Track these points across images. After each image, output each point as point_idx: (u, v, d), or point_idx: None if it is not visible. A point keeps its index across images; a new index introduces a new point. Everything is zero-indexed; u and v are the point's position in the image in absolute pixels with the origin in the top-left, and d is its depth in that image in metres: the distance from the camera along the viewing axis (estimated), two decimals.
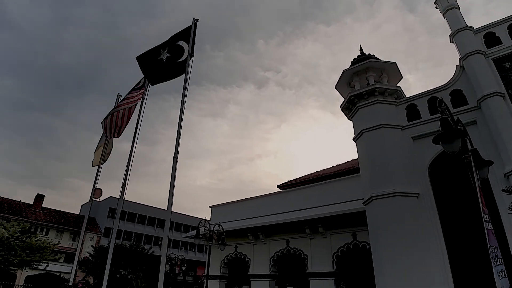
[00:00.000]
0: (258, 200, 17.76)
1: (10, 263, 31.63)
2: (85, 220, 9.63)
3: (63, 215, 50.86)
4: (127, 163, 7.07)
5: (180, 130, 6.70)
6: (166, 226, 5.78)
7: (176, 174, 6.31)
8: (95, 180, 7.45)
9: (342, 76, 13.34)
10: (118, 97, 11.40)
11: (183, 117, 6.89)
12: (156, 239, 57.00)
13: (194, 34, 9.28)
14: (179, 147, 6.41)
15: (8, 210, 45.30)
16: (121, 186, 6.75)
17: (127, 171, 6.86)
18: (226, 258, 17.66)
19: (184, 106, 7.23)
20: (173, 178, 6.01)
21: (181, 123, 6.83)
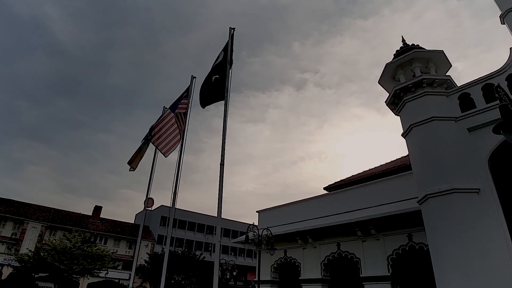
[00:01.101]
0: (305, 203, 17.51)
1: (73, 271, 33.90)
2: (141, 228, 10.04)
3: (119, 225, 53.70)
4: (176, 172, 7.32)
5: (225, 137, 6.80)
6: (217, 232, 5.86)
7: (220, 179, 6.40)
8: (148, 190, 7.79)
9: (385, 70, 12.82)
10: (163, 109, 11.87)
11: (227, 125, 6.98)
12: (206, 245, 58.31)
13: (232, 43, 9.41)
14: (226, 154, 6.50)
15: (69, 222, 48.67)
16: (172, 195, 6.97)
17: (176, 180, 7.12)
18: (276, 263, 17.57)
19: (227, 113, 7.33)
20: (221, 185, 6.10)
21: (225, 130, 6.93)
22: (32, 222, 45.42)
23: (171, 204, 6.74)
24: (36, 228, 45.38)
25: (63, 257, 33.49)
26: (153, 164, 9.00)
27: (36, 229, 45.35)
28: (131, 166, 10.47)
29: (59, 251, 34.02)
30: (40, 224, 45.75)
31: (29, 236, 44.55)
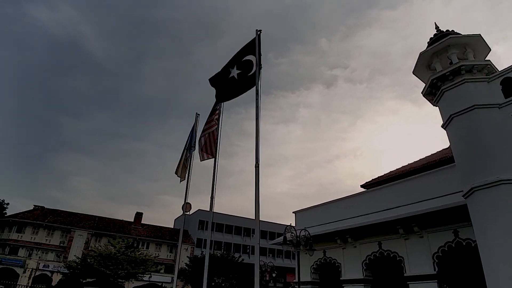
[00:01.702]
0: (343, 202, 17.16)
1: (119, 276, 35.31)
2: (181, 233, 10.28)
3: (159, 230, 55.33)
4: (212, 177, 7.43)
5: (258, 139, 6.80)
6: (256, 234, 5.87)
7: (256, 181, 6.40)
8: (186, 196, 7.99)
9: (419, 60, 12.31)
10: (196, 116, 12.10)
11: (259, 127, 6.99)
12: (244, 247, 58.72)
13: (260, 45, 9.40)
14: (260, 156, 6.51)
15: (113, 229, 50.74)
16: (210, 199, 7.08)
17: (213, 185, 7.22)
18: (315, 264, 17.35)
19: (259, 116, 7.34)
20: (257, 186, 6.11)
21: (258, 132, 6.94)
22: (78, 230, 47.83)
23: (210, 208, 6.85)
24: (82, 236, 47.72)
25: (108, 263, 34.98)
26: (189, 170, 9.20)
27: (82, 236, 47.69)
28: (179, 176, 10.76)
29: (105, 257, 35.57)
30: (86, 232, 48.07)
31: (76, 243, 46.92)
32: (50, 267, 43.46)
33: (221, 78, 9.52)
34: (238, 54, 9.46)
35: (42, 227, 46.88)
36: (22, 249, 45.21)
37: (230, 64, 9.50)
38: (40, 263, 43.56)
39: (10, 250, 44.94)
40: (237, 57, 9.44)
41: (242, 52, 9.43)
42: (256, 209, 5.95)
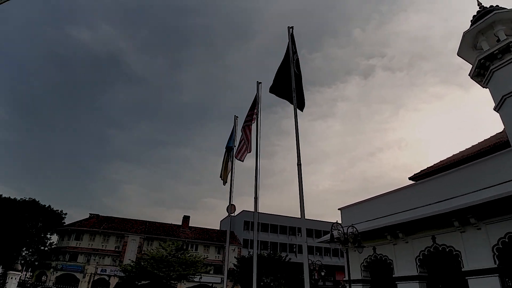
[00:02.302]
0: (391, 196, 16.51)
1: (171, 277, 36.63)
2: (228, 234, 10.44)
3: (206, 232, 56.68)
4: (255, 178, 7.48)
5: (298, 138, 6.74)
6: (302, 233, 5.82)
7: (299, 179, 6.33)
8: (230, 197, 8.10)
9: (464, 40, 11.58)
10: (235, 118, 12.23)
11: (298, 125, 6.92)
12: (290, 246, 58.52)
13: (294, 42, 9.32)
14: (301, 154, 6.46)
15: (163, 232, 52.71)
16: (254, 200, 7.12)
17: (256, 185, 7.28)
18: (365, 261, 16.85)
19: (297, 114, 7.28)
20: (300, 185, 6.05)
21: (297, 131, 6.88)
22: (131, 235, 50.25)
23: (254, 209, 6.90)
24: (135, 240, 50.06)
25: (161, 265, 36.42)
26: (232, 172, 9.33)
27: (135, 241, 50.03)
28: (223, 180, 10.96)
29: (157, 260, 37.08)
30: (138, 237, 50.38)
31: (130, 248, 49.31)
32: (107, 271, 46.07)
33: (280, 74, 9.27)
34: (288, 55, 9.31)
35: (98, 233, 49.80)
36: (81, 255, 48.27)
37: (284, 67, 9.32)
38: (98, 267, 46.30)
39: (70, 257, 48.12)
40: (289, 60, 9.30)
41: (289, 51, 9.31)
42: (301, 208, 5.90)
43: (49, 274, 45.44)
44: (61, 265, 46.40)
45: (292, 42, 9.27)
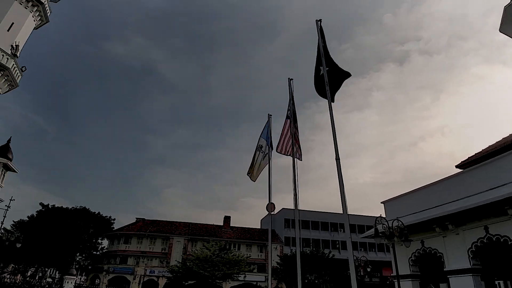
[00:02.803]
0: (436, 186, 15.73)
1: (216, 277, 37.37)
2: (269, 233, 10.45)
3: (248, 231, 57.21)
4: (293, 175, 7.41)
5: (335, 132, 6.59)
6: (346, 229, 5.68)
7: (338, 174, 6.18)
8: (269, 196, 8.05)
9: (505, 15, 10.79)
10: (269, 117, 12.22)
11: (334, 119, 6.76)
12: (333, 243, 57.64)
13: (323, 35, 9.13)
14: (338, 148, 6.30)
15: (205, 233, 53.87)
16: (293, 197, 7.06)
17: (295, 182, 7.21)
18: (413, 255, 16.19)
19: (332, 107, 7.12)
20: (340, 180, 5.90)
21: (333, 125, 6.73)
22: (176, 237, 51.84)
23: (294, 206, 6.83)
24: (180, 242, 51.58)
25: (205, 265, 37.28)
26: (269, 171, 9.34)
27: (180, 242, 51.55)
28: (251, 178, 10.97)
29: (202, 260, 38.00)
30: (182, 238, 51.87)
31: (176, 249, 50.87)
32: (156, 272, 47.83)
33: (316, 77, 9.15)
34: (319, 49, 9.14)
35: (145, 237, 51.85)
36: (130, 258, 50.48)
37: (318, 63, 9.18)
38: (147, 269, 48.22)
39: (120, 260, 50.50)
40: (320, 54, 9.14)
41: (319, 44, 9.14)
42: (343, 203, 5.76)
43: (102, 277, 47.95)
44: (112, 268, 48.80)
45: (321, 35, 9.08)
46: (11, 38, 20.85)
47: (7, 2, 21.07)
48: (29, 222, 45.82)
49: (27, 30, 22.41)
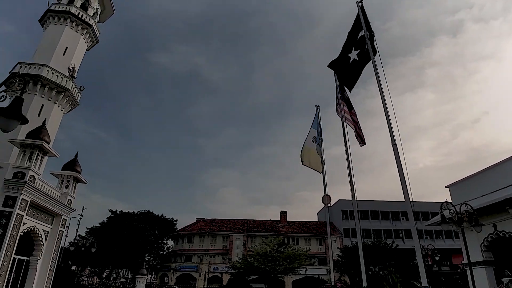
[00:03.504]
0: (507, 164, 14.48)
1: (277, 271, 37.78)
2: (328, 225, 10.33)
3: (305, 224, 56.98)
4: (348, 164, 7.22)
5: (388, 115, 6.32)
6: (409, 217, 5.43)
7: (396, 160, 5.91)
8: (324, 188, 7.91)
9: None
10: (317, 108, 12.04)
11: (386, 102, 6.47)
12: (395, 232, 55.44)
13: (365, 17, 8.81)
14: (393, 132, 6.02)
15: (263, 229, 54.58)
16: (350, 187, 6.89)
17: (350, 172, 6.98)
18: (485, 241, 15.05)
19: (383, 91, 6.83)
20: (399, 166, 5.65)
21: (386, 108, 6.45)
22: (235, 234, 53.21)
23: (352, 197, 6.63)
24: (239, 239, 52.86)
25: (266, 260, 37.86)
26: (322, 162, 9.15)
27: (239, 239, 52.82)
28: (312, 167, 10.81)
29: (262, 255, 38.63)
30: (242, 235, 53.10)
31: (236, 246, 52.23)
32: (219, 269, 49.51)
33: (341, 64, 9.09)
34: (350, 35, 8.99)
35: (207, 235, 53.94)
36: (194, 256, 52.88)
37: (346, 48, 9.03)
38: (211, 266, 50.09)
39: (185, 258, 53.16)
40: (351, 38, 8.98)
41: (353, 31, 8.95)
42: (404, 190, 5.50)
43: (170, 275, 50.75)
44: (179, 266, 51.45)
45: (364, 17, 8.76)
46: (67, 61, 22.66)
47: (60, 29, 22.99)
48: (101, 228, 49.81)
49: (81, 52, 24.25)
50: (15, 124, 4.72)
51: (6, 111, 4.69)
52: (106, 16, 28.15)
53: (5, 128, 4.66)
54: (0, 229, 15.71)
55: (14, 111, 4.75)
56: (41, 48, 22.55)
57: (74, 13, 23.47)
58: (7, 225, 15.79)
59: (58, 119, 22.01)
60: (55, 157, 19.45)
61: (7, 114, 4.67)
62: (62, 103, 21.71)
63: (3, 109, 4.67)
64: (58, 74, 21.20)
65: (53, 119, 20.89)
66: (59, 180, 21.53)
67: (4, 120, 4.59)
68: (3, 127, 4.64)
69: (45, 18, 23.58)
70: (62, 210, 20.67)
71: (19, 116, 4.81)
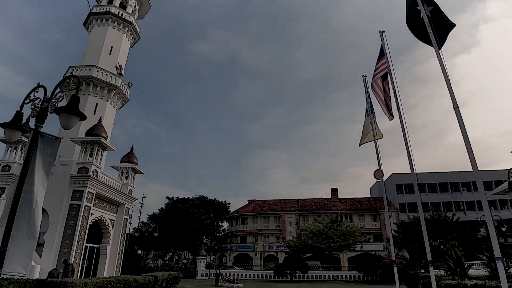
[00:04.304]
0: None
1: (332, 249, 37.70)
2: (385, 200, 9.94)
3: (357, 201, 55.91)
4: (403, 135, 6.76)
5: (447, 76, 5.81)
6: (478, 185, 5.01)
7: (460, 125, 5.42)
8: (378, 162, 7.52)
9: None
10: (364, 78, 11.48)
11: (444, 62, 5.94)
12: (456, 204, 52.62)
13: None
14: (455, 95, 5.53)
15: (315, 208, 54.46)
16: (408, 158, 6.50)
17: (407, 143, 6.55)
18: None
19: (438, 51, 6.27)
20: (463, 130, 5.18)
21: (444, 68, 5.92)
22: (287, 213, 53.73)
23: (410, 169, 6.21)
24: (292, 218, 53.32)
25: (320, 238, 37.90)
26: (374, 136, 8.71)
27: (292, 219, 53.28)
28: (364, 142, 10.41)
29: (315, 233, 38.72)
30: (293, 214, 53.49)
31: (288, 225, 52.81)
32: (274, 248, 50.49)
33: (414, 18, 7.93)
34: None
35: (259, 216, 55.09)
36: (249, 236, 54.44)
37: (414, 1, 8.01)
38: (265, 245, 51.23)
39: (240, 239, 54.95)
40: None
41: None
42: (470, 157, 5.05)
43: (227, 255, 52.82)
44: (235, 247, 53.32)
45: None
46: (114, 60, 23.76)
47: (103, 30, 24.09)
48: (161, 214, 52.81)
49: (125, 49, 25.30)
50: (75, 121, 5.01)
51: (66, 108, 4.98)
52: (144, 12, 28.91)
53: (66, 125, 4.96)
54: (71, 220, 17.23)
55: (72, 108, 5.03)
56: (88, 50, 23.82)
57: (114, 13, 24.38)
58: (77, 216, 17.27)
59: (112, 116, 23.30)
60: (113, 151, 20.73)
61: (67, 111, 4.96)
62: (113, 100, 22.90)
63: (63, 107, 4.96)
64: (107, 73, 22.33)
65: (108, 116, 22.15)
66: (119, 172, 23.04)
67: (65, 117, 4.88)
68: (65, 125, 4.94)
69: (89, 21, 24.78)
70: (125, 200, 22.15)
71: (78, 113, 5.08)
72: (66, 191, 17.44)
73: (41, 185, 5.07)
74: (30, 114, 5.73)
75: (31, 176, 5.00)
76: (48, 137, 5.24)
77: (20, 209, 4.85)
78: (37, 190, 4.95)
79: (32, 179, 4.98)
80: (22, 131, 5.86)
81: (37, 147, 5.16)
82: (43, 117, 5.40)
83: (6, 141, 19.88)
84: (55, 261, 16.05)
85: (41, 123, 5.37)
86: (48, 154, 5.19)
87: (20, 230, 4.86)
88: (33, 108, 5.86)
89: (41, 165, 5.10)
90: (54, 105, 5.37)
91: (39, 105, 5.77)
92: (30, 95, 6.01)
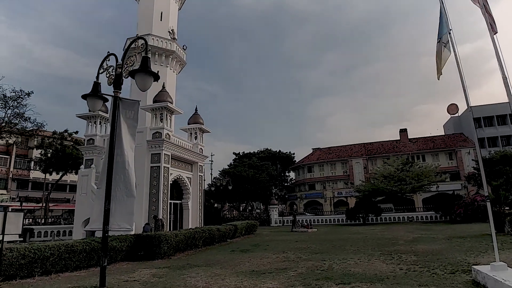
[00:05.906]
0: None
1: (405, 190, 36.57)
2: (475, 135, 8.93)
3: (430, 140, 52.71)
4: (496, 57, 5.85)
5: None
6: None
7: None
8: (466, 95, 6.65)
9: None
10: None
11: None
12: None
13: None
14: None
15: (383, 151, 52.61)
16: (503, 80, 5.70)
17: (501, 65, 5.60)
18: None
19: None
20: None
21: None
22: (354, 159, 52.81)
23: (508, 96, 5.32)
24: (359, 163, 52.37)
25: (391, 181, 36.87)
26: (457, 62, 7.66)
27: (359, 163, 52.33)
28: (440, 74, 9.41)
29: (386, 177, 37.69)
30: (361, 159, 52.41)
31: (356, 170, 52.09)
32: (343, 193, 50.58)
33: None
34: None
35: (325, 163, 55.02)
36: (317, 184, 55.09)
37: None
38: (334, 191, 51.54)
39: (309, 187, 55.88)
40: None
41: None
42: None
43: (298, 203, 54.36)
44: (304, 194, 54.55)
45: None
46: (166, 25, 23.89)
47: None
48: (230, 169, 55.34)
49: (174, 13, 25.23)
50: (150, 81, 5.16)
51: (140, 69, 5.13)
52: None
53: (143, 87, 5.14)
54: (154, 181, 18.84)
55: (145, 68, 5.18)
56: (140, 20, 24.20)
57: None
58: (158, 177, 18.80)
59: (173, 81, 24.02)
60: (180, 114, 21.65)
61: (142, 71, 5.11)
62: (172, 65, 23.44)
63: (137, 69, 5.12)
64: (162, 39, 22.70)
65: (170, 82, 22.87)
66: (188, 134, 24.25)
67: (140, 78, 5.05)
68: (141, 86, 5.12)
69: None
70: (197, 158, 23.44)
71: (151, 72, 5.23)
72: (145, 155, 18.91)
73: (130, 148, 5.45)
74: (107, 81, 6.04)
75: (119, 140, 5.38)
76: (127, 101, 5.52)
77: (115, 171, 5.30)
78: (127, 153, 5.33)
79: (121, 143, 5.35)
80: (103, 99, 6.24)
81: (119, 113, 5.48)
82: (120, 83, 5.65)
83: (85, 117, 21.76)
84: (145, 218, 17.87)
85: (119, 89, 5.65)
86: (131, 118, 5.50)
87: (118, 190, 5.35)
88: (108, 77, 6.17)
89: (126, 128, 5.45)
90: (127, 69, 5.58)
91: (113, 73, 6.04)
92: (103, 65, 6.30)
